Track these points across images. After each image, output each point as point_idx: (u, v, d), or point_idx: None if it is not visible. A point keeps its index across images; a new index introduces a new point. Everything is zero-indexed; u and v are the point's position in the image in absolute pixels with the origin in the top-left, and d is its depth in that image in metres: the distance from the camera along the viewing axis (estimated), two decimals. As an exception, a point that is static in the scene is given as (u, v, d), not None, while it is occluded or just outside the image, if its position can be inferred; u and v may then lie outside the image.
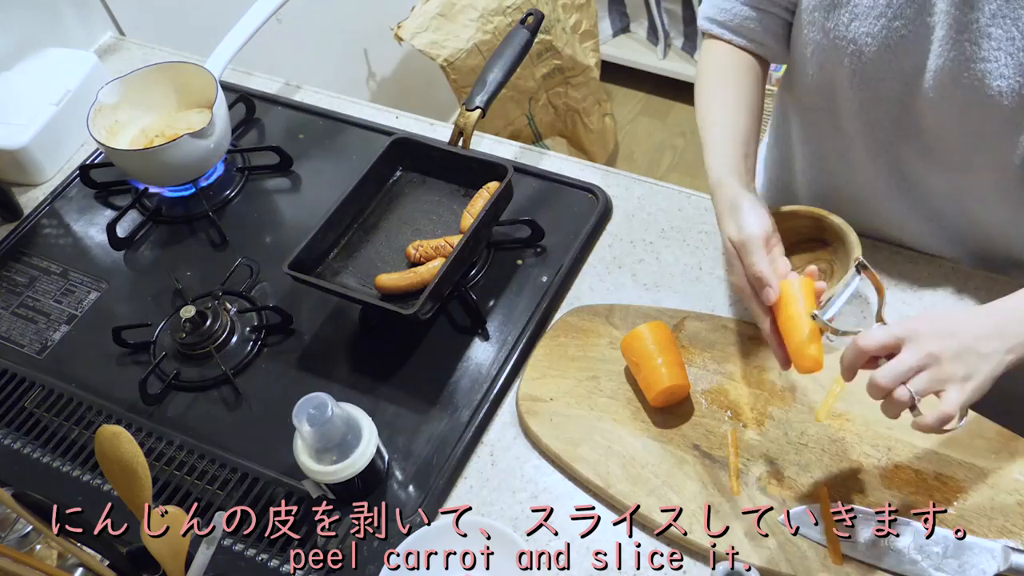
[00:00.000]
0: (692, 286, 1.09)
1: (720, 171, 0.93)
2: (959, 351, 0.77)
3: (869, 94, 0.94)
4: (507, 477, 0.97)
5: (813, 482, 0.89)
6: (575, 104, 2.29)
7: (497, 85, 1.15)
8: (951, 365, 0.77)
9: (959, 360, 0.77)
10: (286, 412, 0.87)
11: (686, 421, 0.95)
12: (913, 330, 0.78)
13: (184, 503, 0.98)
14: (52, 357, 1.14)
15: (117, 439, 0.77)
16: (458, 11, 1.99)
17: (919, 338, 0.78)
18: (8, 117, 1.34)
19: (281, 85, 1.44)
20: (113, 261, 1.23)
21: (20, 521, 0.81)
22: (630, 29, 2.71)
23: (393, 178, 1.19)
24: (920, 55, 0.88)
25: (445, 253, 1.07)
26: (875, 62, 0.90)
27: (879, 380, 0.77)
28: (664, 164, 2.58)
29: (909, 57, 0.89)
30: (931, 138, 0.94)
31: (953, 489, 0.87)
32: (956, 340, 0.78)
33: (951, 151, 0.94)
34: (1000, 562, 0.81)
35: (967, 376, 0.77)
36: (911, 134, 0.95)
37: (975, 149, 0.92)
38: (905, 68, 0.90)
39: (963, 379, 0.77)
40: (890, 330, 0.79)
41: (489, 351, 1.06)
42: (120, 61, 1.52)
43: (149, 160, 1.20)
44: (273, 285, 1.16)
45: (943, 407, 0.76)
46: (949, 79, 0.87)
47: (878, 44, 0.89)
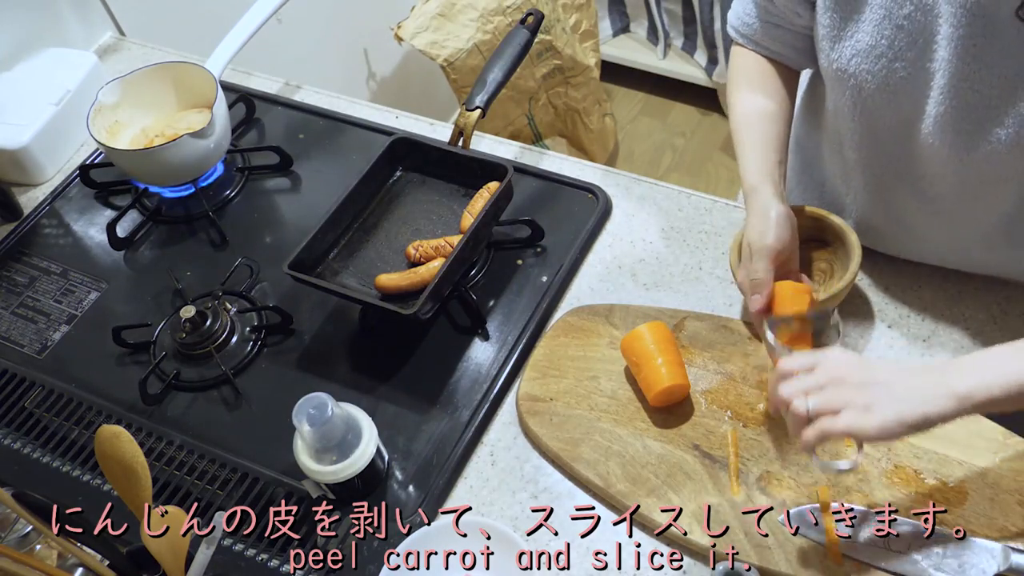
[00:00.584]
0: (692, 286, 1.09)
1: (755, 177, 0.96)
2: (867, 382, 0.77)
3: (869, 129, 0.94)
4: (507, 477, 0.97)
5: (813, 482, 0.89)
6: (575, 104, 2.29)
7: (497, 85, 1.15)
8: (853, 391, 0.77)
9: (864, 389, 0.77)
10: (286, 412, 0.87)
11: (686, 421, 0.95)
12: (833, 358, 0.80)
13: (184, 503, 0.98)
14: (52, 357, 1.14)
15: (117, 439, 0.77)
16: (458, 11, 1.99)
17: (834, 364, 0.80)
18: (8, 117, 1.34)
19: (281, 85, 1.44)
20: (113, 261, 1.23)
21: (20, 521, 0.81)
22: (630, 29, 2.71)
23: (393, 178, 1.19)
24: (920, 99, 0.87)
25: (445, 253, 1.07)
26: (875, 99, 0.90)
27: (781, 390, 0.80)
28: (664, 164, 2.58)
29: (909, 99, 0.88)
30: (928, 184, 0.94)
31: (953, 489, 0.87)
32: (869, 374, 0.78)
33: (949, 200, 0.94)
34: (1000, 562, 0.81)
35: (867, 407, 0.76)
36: (910, 178, 0.95)
37: (975, 197, 0.92)
38: (905, 109, 0.89)
39: (862, 408, 0.76)
40: (812, 355, 0.82)
41: (489, 351, 1.06)
42: (120, 61, 1.52)
43: (149, 160, 1.20)
44: (273, 285, 1.17)
45: (823, 423, 0.77)
46: (949, 125, 0.86)
47: (878, 83, 0.88)
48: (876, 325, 1.02)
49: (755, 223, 0.93)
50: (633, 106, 2.73)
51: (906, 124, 0.90)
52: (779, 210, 0.92)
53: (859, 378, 0.78)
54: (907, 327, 1.01)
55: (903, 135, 0.91)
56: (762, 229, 0.91)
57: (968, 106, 0.84)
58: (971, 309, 1.02)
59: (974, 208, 0.93)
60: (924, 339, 1.00)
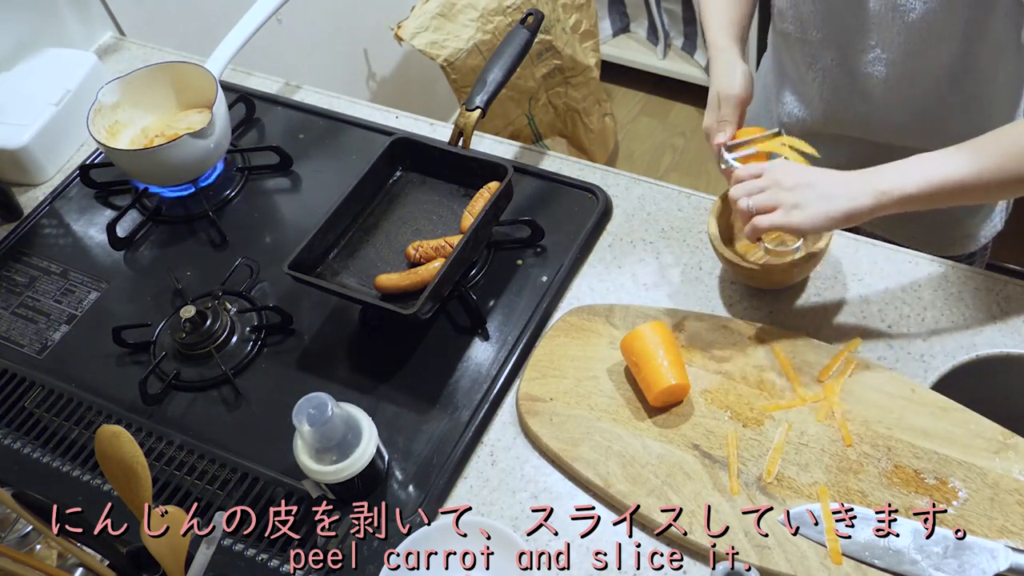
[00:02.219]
0: (692, 286, 1.09)
1: (722, 40, 1.08)
2: (800, 184, 0.90)
3: (827, 5, 1.06)
4: (507, 477, 0.97)
5: (813, 482, 0.89)
6: (575, 104, 2.29)
7: (497, 85, 1.15)
8: (787, 193, 0.90)
9: (796, 191, 0.90)
10: (286, 412, 0.87)
11: (686, 421, 0.95)
12: (776, 167, 0.94)
13: (184, 503, 0.98)
14: (52, 357, 1.14)
15: (117, 439, 0.77)
16: (458, 11, 1.99)
17: (776, 170, 0.93)
18: (8, 117, 1.34)
19: (281, 85, 1.44)
20: (113, 261, 1.23)
21: (20, 521, 0.81)
22: (630, 29, 2.71)
23: (393, 178, 1.19)
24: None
25: (445, 254, 1.07)
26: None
27: (731, 192, 0.96)
28: (664, 164, 2.58)
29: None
30: (882, 49, 1.05)
31: (953, 489, 0.87)
32: (803, 177, 0.91)
33: (900, 61, 1.05)
34: (1000, 562, 0.81)
35: (796, 204, 0.89)
36: (866, 45, 1.07)
37: (922, 54, 1.03)
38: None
39: (792, 206, 0.89)
40: (760, 165, 0.96)
41: (489, 351, 1.06)
42: (120, 61, 1.52)
43: (149, 160, 1.20)
44: (273, 285, 1.17)
45: (756, 220, 0.91)
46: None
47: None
48: (876, 325, 1.02)
49: (722, 77, 1.04)
50: (633, 106, 2.73)
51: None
52: (743, 68, 1.04)
53: (794, 181, 0.91)
54: (907, 327, 1.01)
55: (855, 4, 1.03)
56: (729, 81, 1.03)
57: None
58: (971, 309, 1.02)
59: (924, 66, 1.05)
60: (924, 339, 1.00)
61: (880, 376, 0.95)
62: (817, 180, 0.91)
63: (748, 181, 0.94)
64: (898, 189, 0.87)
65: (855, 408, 0.93)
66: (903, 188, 0.87)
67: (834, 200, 0.88)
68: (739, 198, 0.94)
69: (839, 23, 1.08)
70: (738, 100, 1.03)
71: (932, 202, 0.88)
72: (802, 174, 0.92)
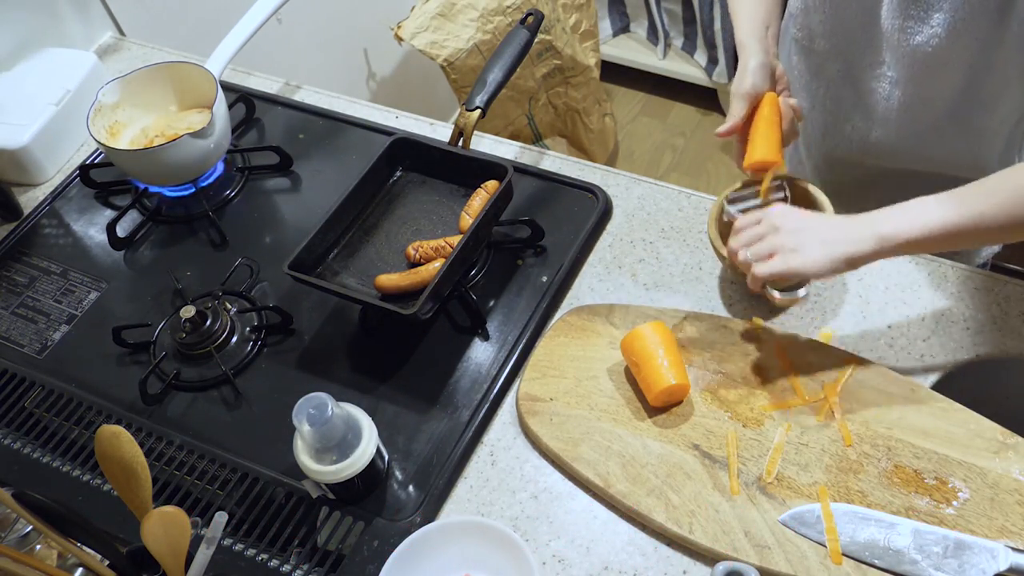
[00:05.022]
0: (692, 286, 1.09)
1: (744, 38, 1.06)
2: (799, 228, 0.90)
3: (837, 18, 1.06)
4: (507, 477, 0.97)
5: (813, 482, 0.89)
6: (575, 104, 2.29)
7: (497, 85, 1.15)
8: (785, 237, 0.90)
9: (795, 234, 0.89)
10: (286, 412, 0.87)
11: (686, 421, 0.95)
12: (774, 212, 0.93)
13: (184, 503, 0.98)
14: (52, 357, 1.14)
15: (117, 439, 0.77)
16: (458, 11, 1.99)
17: (773, 216, 0.92)
18: (8, 117, 1.34)
19: (281, 85, 1.44)
20: (113, 261, 1.23)
21: (20, 521, 0.81)
22: (630, 29, 2.71)
23: (393, 178, 1.19)
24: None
25: (445, 254, 1.07)
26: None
27: (730, 244, 0.95)
28: (664, 164, 2.58)
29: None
30: (888, 68, 1.06)
31: (953, 489, 0.87)
32: (802, 222, 0.91)
33: (904, 83, 1.05)
34: (1000, 562, 0.81)
35: (795, 248, 0.88)
36: (873, 63, 1.07)
37: (926, 78, 1.03)
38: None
39: (791, 250, 0.88)
40: (758, 212, 0.95)
41: (489, 351, 1.06)
42: (120, 61, 1.52)
43: (149, 160, 1.20)
44: (273, 285, 1.17)
45: (755, 269, 0.90)
46: (899, 10, 0.99)
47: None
48: (876, 325, 1.02)
49: (737, 74, 1.04)
50: (633, 106, 2.74)
51: (868, 10, 1.03)
52: (758, 60, 1.02)
53: (792, 225, 0.90)
54: (907, 327, 1.01)
55: (866, 21, 1.03)
56: (740, 78, 1.03)
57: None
58: (971, 309, 1.02)
59: (928, 90, 1.05)
60: (924, 339, 1.00)
61: (880, 376, 0.95)
62: (817, 224, 0.90)
63: (747, 230, 0.93)
64: (901, 235, 0.86)
65: (855, 408, 0.93)
66: (906, 234, 0.85)
67: (835, 244, 0.87)
68: (738, 249, 0.93)
69: (848, 37, 1.07)
70: (746, 97, 1.02)
71: (934, 247, 0.87)
72: (801, 218, 0.91)
